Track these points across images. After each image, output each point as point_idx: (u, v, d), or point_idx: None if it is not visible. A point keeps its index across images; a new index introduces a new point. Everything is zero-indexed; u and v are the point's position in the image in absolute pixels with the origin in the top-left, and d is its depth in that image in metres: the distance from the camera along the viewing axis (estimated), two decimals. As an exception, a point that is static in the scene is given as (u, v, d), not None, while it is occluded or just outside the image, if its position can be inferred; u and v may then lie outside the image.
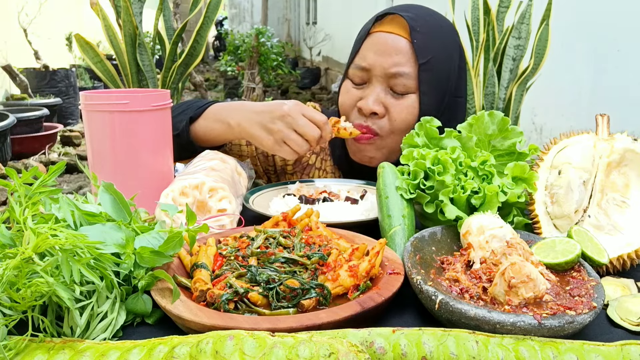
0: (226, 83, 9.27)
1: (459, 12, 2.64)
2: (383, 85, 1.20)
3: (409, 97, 1.20)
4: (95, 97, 0.99)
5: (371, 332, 0.60)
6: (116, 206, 0.76)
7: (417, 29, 1.18)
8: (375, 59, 1.19)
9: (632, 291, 0.77)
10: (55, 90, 6.38)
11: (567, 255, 0.75)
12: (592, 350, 0.59)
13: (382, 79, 1.20)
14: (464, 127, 0.97)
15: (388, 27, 1.20)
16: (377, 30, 1.21)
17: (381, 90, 1.20)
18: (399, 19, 1.19)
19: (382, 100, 1.20)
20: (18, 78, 5.82)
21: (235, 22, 17.73)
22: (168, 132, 1.06)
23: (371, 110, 1.20)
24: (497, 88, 2.62)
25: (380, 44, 1.19)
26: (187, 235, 0.74)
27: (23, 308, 0.60)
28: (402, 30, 1.19)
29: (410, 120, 1.21)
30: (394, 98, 1.20)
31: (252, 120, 1.14)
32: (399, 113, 1.20)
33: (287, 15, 16.48)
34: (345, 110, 1.26)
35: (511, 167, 0.89)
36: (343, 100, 1.27)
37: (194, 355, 0.55)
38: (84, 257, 0.62)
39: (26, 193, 0.69)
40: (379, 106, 1.20)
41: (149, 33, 4.69)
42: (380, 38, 1.20)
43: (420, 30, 1.18)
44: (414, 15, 1.20)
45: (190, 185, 0.94)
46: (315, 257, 0.75)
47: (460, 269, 0.74)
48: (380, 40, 1.19)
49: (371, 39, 1.21)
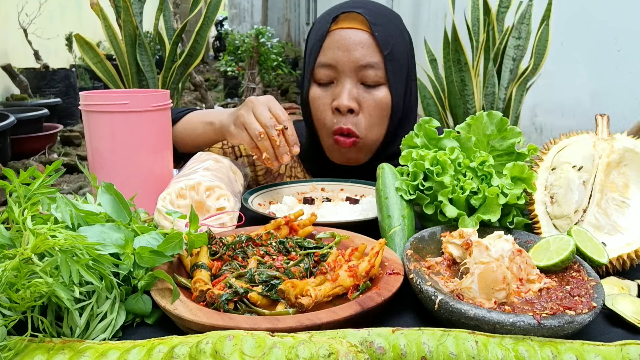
0: (226, 83, 9.26)
1: (459, 12, 2.64)
2: (353, 80, 1.20)
3: (380, 89, 1.21)
4: (95, 97, 0.99)
5: (371, 332, 0.60)
6: (116, 206, 0.76)
7: (374, 22, 1.19)
8: (342, 54, 1.19)
9: (632, 293, 0.77)
10: (55, 90, 6.38)
11: (562, 253, 0.75)
12: (592, 350, 0.59)
13: (351, 73, 1.19)
14: (462, 127, 0.97)
15: (347, 24, 1.20)
16: (337, 28, 1.21)
17: (352, 85, 1.20)
18: (356, 15, 1.20)
19: (355, 95, 1.20)
20: (18, 78, 5.82)
21: (235, 22, 17.73)
22: (168, 132, 1.06)
23: (348, 107, 1.19)
24: (497, 88, 2.62)
25: (344, 40, 1.19)
26: (187, 237, 0.74)
27: (22, 309, 0.60)
28: (362, 24, 1.19)
29: (384, 113, 1.22)
30: (366, 92, 1.21)
31: (230, 115, 1.15)
32: (373, 108, 1.20)
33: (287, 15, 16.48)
34: (322, 117, 1.24)
35: (510, 167, 0.89)
36: (316, 107, 1.24)
37: (194, 355, 0.55)
38: (83, 258, 0.62)
39: (25, 194, 0.69)
40: (353, 102, 1.19)
41: (149, 33, 4.68)
42: (342, 34, 1.19)
43: (377, 23, 1.20)
44: (369, 11, 1.21)
45: (186, 186, 0.94)
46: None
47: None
48: (342, 36, 1.19)
49: (332, 37, 1.20)
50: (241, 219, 0.97)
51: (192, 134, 1.23)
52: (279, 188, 1.22)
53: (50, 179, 0.71)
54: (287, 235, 0.87)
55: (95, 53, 2.93)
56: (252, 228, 0.92)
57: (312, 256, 0.79)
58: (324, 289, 0.69)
